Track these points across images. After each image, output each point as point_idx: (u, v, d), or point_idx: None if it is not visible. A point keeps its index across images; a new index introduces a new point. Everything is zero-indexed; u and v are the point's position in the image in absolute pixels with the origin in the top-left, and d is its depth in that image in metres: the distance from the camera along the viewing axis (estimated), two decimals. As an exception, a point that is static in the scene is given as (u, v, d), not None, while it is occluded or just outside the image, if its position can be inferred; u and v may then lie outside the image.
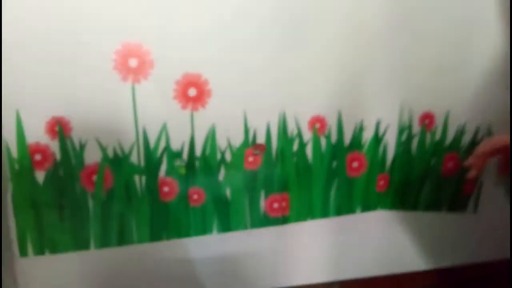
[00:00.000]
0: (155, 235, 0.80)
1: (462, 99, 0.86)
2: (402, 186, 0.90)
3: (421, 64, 0.82)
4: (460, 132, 0.88)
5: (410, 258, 0.97)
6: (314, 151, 0.83)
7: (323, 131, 0.82)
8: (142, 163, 0.75)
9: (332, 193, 0.87)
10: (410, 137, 0.87)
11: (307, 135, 0.82)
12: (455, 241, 0.98)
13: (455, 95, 0.86)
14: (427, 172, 0.90)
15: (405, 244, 0.96)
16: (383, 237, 0.94)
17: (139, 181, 0.76)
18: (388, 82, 0.82)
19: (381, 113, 0.84)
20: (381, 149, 0.87)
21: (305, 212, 0.87)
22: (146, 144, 0.74)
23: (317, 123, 0.82)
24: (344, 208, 0.89)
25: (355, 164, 0.86)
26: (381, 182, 0.89)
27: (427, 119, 0.86)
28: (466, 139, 0.89)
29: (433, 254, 0.98)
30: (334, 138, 0.83)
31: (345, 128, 0.84)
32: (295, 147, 0.82)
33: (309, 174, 0.84)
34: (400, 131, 0.86)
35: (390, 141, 0.86)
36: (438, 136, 0.87)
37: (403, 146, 0.87)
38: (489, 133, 0.89)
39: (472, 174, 0.76)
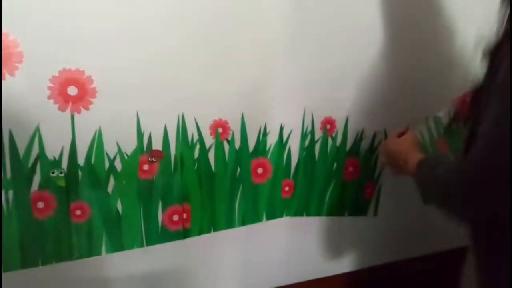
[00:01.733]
0: (28, 261, 0.67)
1: (360, 106, 0.88)
2: (306, 192, 0.89)
3: (323, 73, 0.82)
4: (359, 137, 0.90)
5: (318, 264, 0.96)
6: (216, 157, 0.78)
7: (226, 135, 0.78)
8: (9, 175, 0.62)
9: (237, 201, 0.82)
10: (313, 142, 0.86)
11: (209, 140, 0.76)
12: (359, 244, 1.00)
13: (353, 102, 0.87)
14: (329, 177, 0.90)
15: (312, 250, 0.95)
16: (289, 245, 0.92)
17: (5, 196, 0.62)
18: (291, 88, 0.81)
19: (284, 118, 0.82)
20: (285, 154, 0.85)
21: (208, 224, 0.81)
22: (13, 151, 0.62)
23: (220, 128, 0.77)
24: (250, 217, 0.85)
25: (259, 170, 0.83)
26: (286, 188, 0.87)
27: (328, 124, 0.86)
28: (365, 144, 0.91)
29: (339, 258, 0.99)
30: (237, 143, 0.79)
31: (249, 133, 0.80)
32: (196, 153, 0.76)
33: (211, 182, 0.79)
34: (303, 136, 0.85)
35: (294, 146, 0.85)
36: (339, 141, 0.88)
37: (306, 151, 0.86)
38: (386, 137, 0.92)
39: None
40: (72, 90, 0.63)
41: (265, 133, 0.81)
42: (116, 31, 0.63)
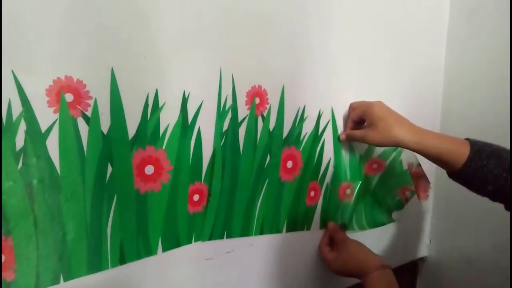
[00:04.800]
0: None
1: (300, 70, 0.64)
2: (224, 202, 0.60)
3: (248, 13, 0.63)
4: (300, 118, 0.66)
5: None
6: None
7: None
8: None
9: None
10: (235, 124, 0.57)
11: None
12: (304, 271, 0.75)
13: (292, 65, 0.64)
14: (260, 177, 0.63)
15: None
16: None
17: None
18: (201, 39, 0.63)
19: (187, 83, 0.58)
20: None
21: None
22: None
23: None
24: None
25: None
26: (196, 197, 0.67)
27: (258, 96, 0.61)
28: (307, 127, 0.67)
29: None
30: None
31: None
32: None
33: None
34: (220, 115, 0.54)
35: (207, 130, 0.56)
36: (272, 123, 0.63)
37: (226, 137, 0.57)
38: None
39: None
40: None
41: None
42: None
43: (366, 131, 0.65)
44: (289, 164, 0.65)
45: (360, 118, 0.67)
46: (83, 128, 0.46)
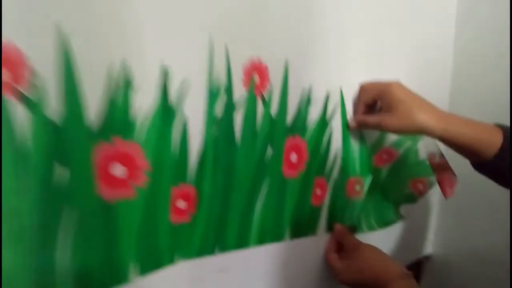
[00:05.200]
0: None
1: (306, 42, 0.53)
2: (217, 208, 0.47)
3: None
4: (306, 101, 0.54)
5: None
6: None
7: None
8: None
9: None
10: (230, 109, 0.45)
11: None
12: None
13: (295, 36, 0.52)
14: (260, 174, 0.51)
15: None
16: None
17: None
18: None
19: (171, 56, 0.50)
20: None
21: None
22: None
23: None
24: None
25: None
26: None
27: (257, 73, 0.47)
28: (315, 112, 0.56)
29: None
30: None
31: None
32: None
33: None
34: (212, 96, 0.41)
35: (194, 117, 0.43)
36: (274, 107, 0.50)
37: (219, 126, 0.44)
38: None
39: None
40: None
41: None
42: None
43: (382, 116, 0.55)
44: (293, 156, 0.53)
45: (374, 101, 0.56)
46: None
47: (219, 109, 0.43)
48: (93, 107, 0.36)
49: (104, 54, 0.35)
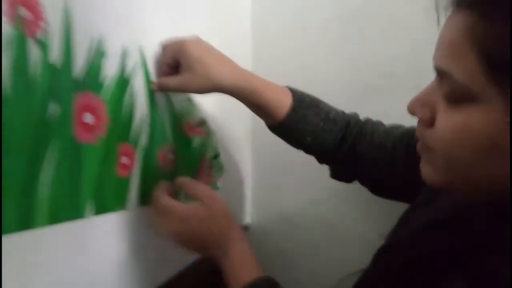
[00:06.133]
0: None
1: None
2: None
3: None
4: (97, 53, 0.47)
5: None
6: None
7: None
8: None
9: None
10: None
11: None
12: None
13: None
14: (41, 135, 0.42)
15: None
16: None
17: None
18: None
19: None
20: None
21: None
22: None
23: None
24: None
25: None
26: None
27: (27, 8, 0.38)
28: (112, 68, 0.50)
29: None
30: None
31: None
32: None
33: None
34: None
35: None
36: (55, 54, 0.42)
37: None
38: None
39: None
40: None
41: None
42: None
43: (182, 77, 0.53)
44: (88, 117, 0.45)
45: (175, 60, 0.54)
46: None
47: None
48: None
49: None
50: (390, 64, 0.72)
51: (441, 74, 0.34)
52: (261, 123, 0.61)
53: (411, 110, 0.38)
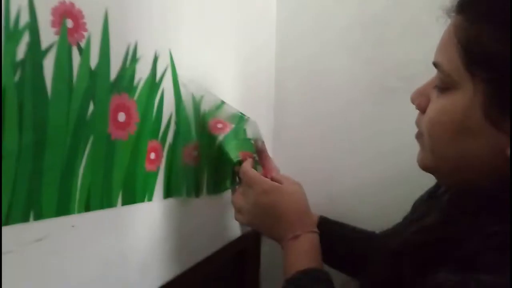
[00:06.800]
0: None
1: None
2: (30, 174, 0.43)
3: None
4: (132, 57, 0.52)
5: None
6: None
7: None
8: None
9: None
10: (38, 55, 0.41)
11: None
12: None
13: None
14: (81, 134, 0.46)
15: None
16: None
17: None
18: None
19: None
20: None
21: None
22: None
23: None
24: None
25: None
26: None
27: (70, 18, 0.44)
28: (143, 70, 0.54)
29: None
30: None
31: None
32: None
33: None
34: (10, 37, 0.37)
35: None
36: (94, 59, 0.47)
37: (23, 72, 0.39)
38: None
39: None
40: None
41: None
42: None
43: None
44: (121, 116, 0.50)
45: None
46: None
47: (21, 51, 0.38)
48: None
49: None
50: (408, 67, 0.74)
51: (436, 67, 0.40)
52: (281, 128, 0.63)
53: (412, 99, 0.45)
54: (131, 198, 0.53)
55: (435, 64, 0.40)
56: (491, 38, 0.34)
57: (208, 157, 0.67)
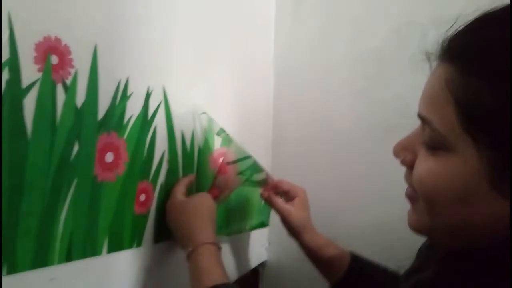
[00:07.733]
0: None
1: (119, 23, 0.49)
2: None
3: None
4: (122, 94, 0.49)
5: None
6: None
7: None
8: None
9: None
10: (18, 92, 0.38)
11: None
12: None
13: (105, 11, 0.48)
14: (62, 176, 0.43)
15: None
16: None
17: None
18: None
19: None
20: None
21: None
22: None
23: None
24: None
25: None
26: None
27: (55, 54, 0.41)
28: (134, 107, 0.51)
29: None
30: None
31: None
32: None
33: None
34: None
35: None
36: (81, 97, 0.44)
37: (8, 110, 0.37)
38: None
39: None
40: None
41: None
42: None
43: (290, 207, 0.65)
44: (109, 157, 0.47)
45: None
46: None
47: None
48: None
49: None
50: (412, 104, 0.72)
51: (423, 121, 0.35)
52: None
53: (395, 153, 0.39)
54: (118, 245, 0.49)
55: (423, 119, 0.35)
56: (496, 96, 0.29)
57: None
